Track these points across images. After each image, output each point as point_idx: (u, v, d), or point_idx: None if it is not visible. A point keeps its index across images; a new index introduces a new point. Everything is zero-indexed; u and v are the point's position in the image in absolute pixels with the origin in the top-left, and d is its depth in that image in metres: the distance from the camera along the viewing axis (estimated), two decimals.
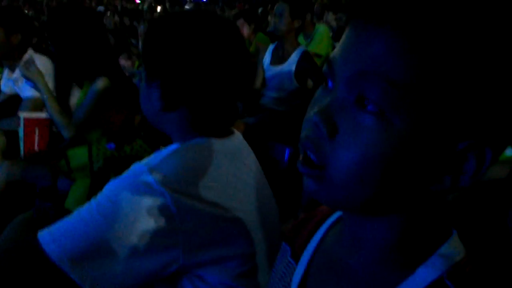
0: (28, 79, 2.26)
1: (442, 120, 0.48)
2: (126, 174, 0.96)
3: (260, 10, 12.07)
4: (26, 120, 2.21)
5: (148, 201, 0.89)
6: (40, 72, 2.30)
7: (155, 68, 1.04)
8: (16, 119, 2.41)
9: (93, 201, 0.93)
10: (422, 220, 0.56)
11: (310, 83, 3.47)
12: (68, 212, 1.93)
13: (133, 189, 0.91)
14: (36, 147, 2.23)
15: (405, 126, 0.48)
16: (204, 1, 19.45)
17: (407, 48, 0.47)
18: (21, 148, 2.26)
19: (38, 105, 2.65)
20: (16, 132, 2.36)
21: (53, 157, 2.23)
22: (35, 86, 2.28)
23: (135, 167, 0.96)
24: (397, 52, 0.47)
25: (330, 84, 0.55)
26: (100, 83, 2.19)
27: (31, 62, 2.32)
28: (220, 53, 1.02)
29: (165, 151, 1.00)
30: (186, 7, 17.13)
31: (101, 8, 13.96)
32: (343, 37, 0.54)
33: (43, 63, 2.74)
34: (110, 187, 0.94)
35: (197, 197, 0.94)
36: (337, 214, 0.71)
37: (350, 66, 0.51)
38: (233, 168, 1.04)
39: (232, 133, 1.12)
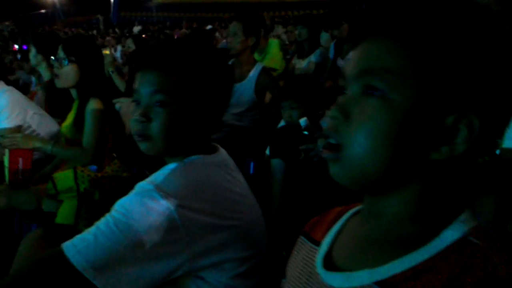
0: (27, 148, 2.39)
1: (431, 95, 0.61)
2: (134, 192, 1.06)
3: (209, 27, 12.26)
4: (11, 151, 2.34)
5: (157, 215, 1.00)
6: (28, 137, 2.45)
7: (189, 95, 1.14)
8: None
9: (109, 216, 1.03)
10: (435, 193, 0.66)
11: (267, 97, 3.61)
12: (59, 227, 2.06)
13: (143, 204, 1.02)
14: (20, 175, 2.34)
15: (403, 103, 0.62)
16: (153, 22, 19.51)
17: (396, 48, 0.63)
18: (6, 176, 2.39)
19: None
20: None
21: (38, 182, 2.36)
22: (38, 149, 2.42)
23: (142, 185, 1.06)
24: (390, 51, 0.64)
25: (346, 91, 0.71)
26: (94, 104, 2.31)
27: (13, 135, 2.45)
28: (220, 76, 1.21)
29: (165, 170, 1.11)
30: (135, 28, 17.15)
31: None
32: (350, 56, 0.71)
33: (14, 95, 2.86)
34: (122, 203, 1.04)
35: (198, 210, 1.04)
36: (355, 208, 0.82)
37: (356, 67, 0.67)
38: (225, 181, 1.16)
39: (217, 149, 1.24)
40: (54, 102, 2.87)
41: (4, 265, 1.94)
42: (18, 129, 2.71)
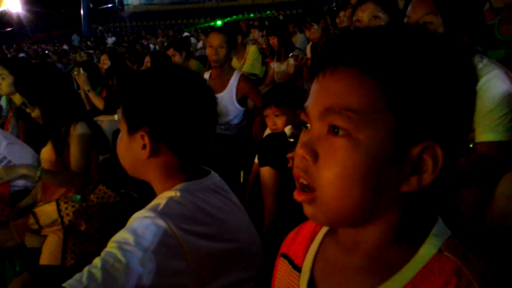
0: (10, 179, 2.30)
1: (395, 130, 0.62)
2: (134, 223, 1.02)
3: (185, 35, 12.18)
4: None
5: (161, 244, 0.98)
6: (9, 168, 2.33)
7: (141, 118, 1.12)
8: None
9: (108, 252, 0.98)
10: (410, 215, 0.68)
11: (250, 104, 3.58)
12: (46, 268, 1.96)
13: (147, 234, 0.98)
14: None
15: (368, 140, 0.62)
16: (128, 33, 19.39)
17: (357, 86, 0.63)
18: None
19: None
20: None
21: (18, 216, 2.24)
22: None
23: (142, 214, 1.04)
24: (351, 89, 0.63)
25: (308, 126, 0.70)
26: (80, 127, 2.27)
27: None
28: (196, 96, 1.14)
29: (162, 198, 1.08)
30: (109, 40, 16.99)
31: (23, 54, 13.60)
32: (311, 89, 0.70)
33: None
34: (121, 237, 1.00)
35: (200, 234, 1.03)
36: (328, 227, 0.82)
37: (319, 106, 0.67)
38: (221, 204, 1.14)
39: (209, 172, 1.21)
40: (30, 128, 2.75)
41: None
42: None
